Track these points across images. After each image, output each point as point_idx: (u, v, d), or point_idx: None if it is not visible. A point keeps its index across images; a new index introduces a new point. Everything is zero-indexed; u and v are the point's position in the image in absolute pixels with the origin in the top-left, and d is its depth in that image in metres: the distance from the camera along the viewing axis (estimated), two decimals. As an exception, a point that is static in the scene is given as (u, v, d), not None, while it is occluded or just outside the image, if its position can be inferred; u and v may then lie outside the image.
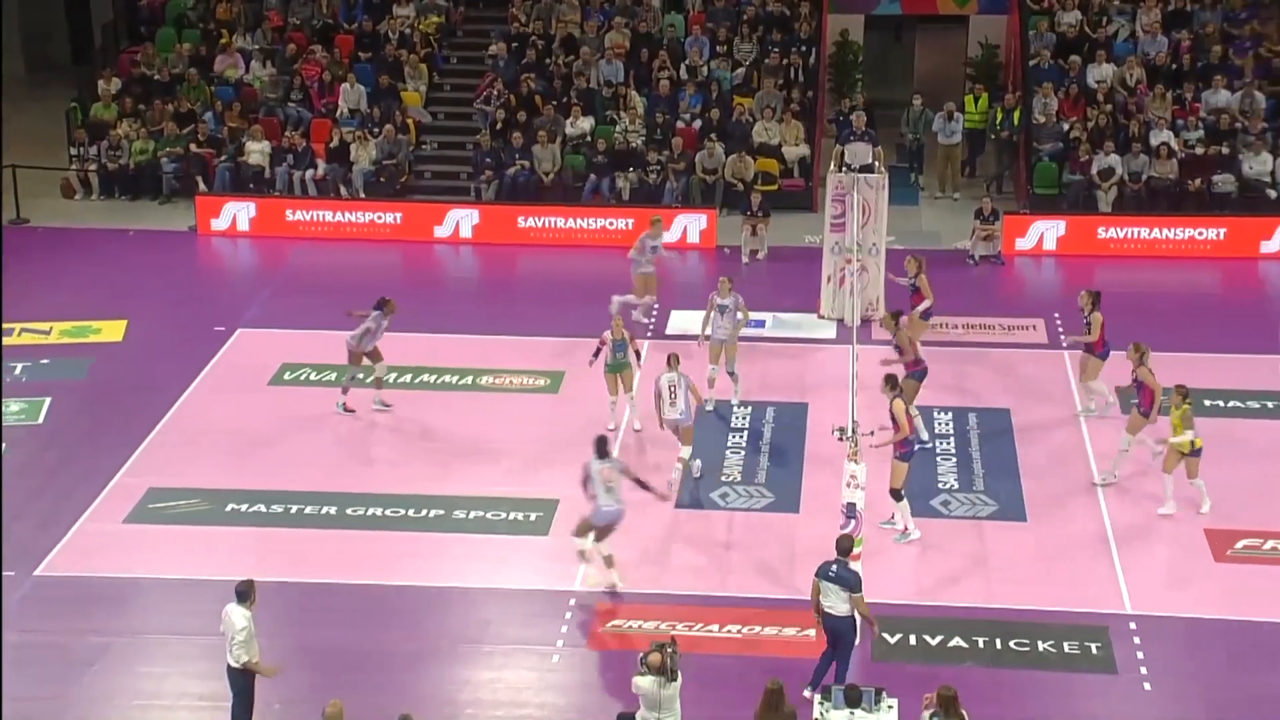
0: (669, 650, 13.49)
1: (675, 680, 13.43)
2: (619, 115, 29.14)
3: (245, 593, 14.00)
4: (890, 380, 17.65)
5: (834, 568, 14.66)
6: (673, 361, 18.91)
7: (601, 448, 16.63)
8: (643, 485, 16.84)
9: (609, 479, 16.45)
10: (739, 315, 20.56)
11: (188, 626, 16.09)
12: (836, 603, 14.59)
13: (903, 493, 17.57)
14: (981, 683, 15.15)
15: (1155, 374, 18.40)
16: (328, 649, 15.97)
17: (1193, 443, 17.63)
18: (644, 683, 13.49)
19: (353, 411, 20.70)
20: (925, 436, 19.60)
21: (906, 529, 17.58)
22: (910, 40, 34.01)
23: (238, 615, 13.87)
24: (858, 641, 14.95)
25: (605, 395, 20.32)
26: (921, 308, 21.17)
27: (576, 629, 16.33)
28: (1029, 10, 30.52)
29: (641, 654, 13.63)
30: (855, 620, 14.66)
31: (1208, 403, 20.52)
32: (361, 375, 20.73)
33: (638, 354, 20.53)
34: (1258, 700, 15.04)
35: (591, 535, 16.72)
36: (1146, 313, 22.43)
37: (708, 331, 20.70)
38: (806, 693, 14.54)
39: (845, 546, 14.87)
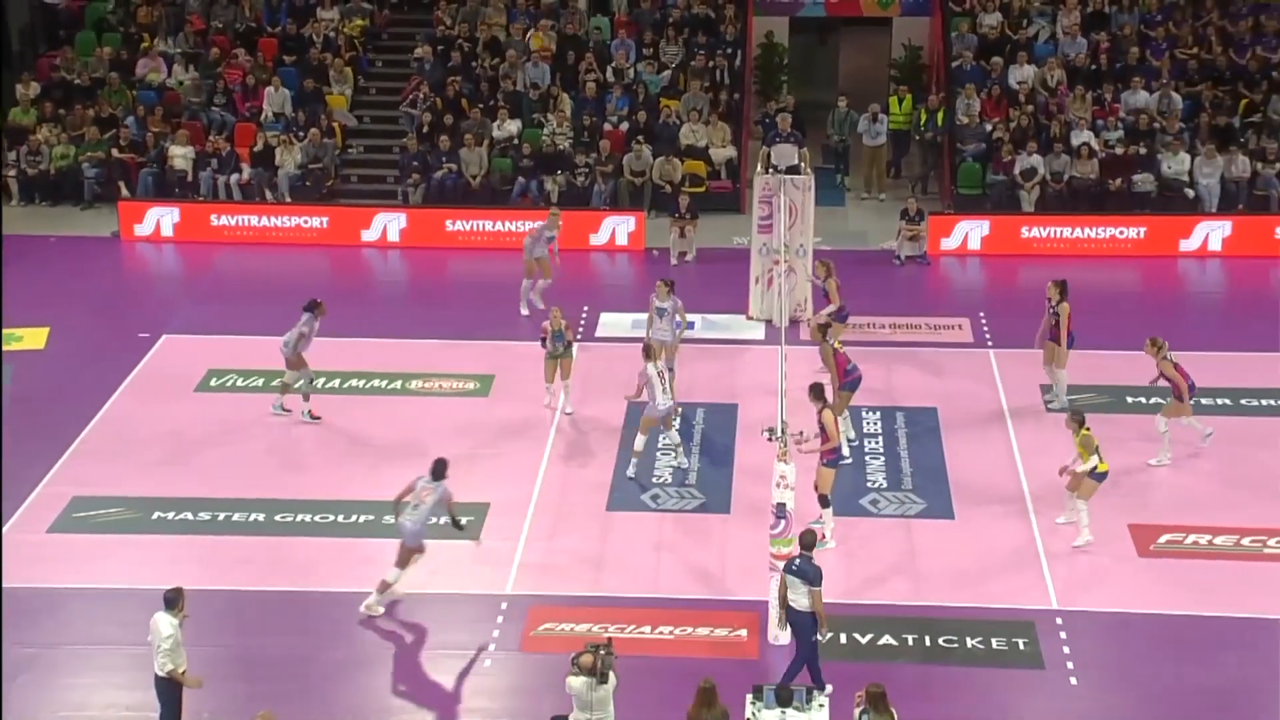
0: (601, 652, 13.51)
1: (606, 682, 13.44)
2: (546, 118, 29.12)
3: (173, 600, 13.88)
4: (816, 389, 17.74)
5: (797, 561, 14.81)
6: (650, 354, 19.21)
7: (438, 470, 16.42)
8: (455, 523, 16.55)
9: (420, 498, 16.22)
10: (678, 319, 20.61)
11: (115, 636, 15.91)
12: (799, 597, 14.72)
13: (830, 499, 17.66)
14: (911, 680, 15.27)
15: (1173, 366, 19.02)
16: (257, 657, 15.85)
17: (1095, 467, 17.36)
18: (576, 683, 13.51)
19: (319, 419, 20.58)
20: (852, 435, 19.69)
21: (824, 536, 17.46)
22: (835, 42, 34.19)
23: (164, 623, 13.75)
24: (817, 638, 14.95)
25: (536, 397, 20.32)
26: (828, 310, 21.30)
27: (509, 632, 16.30)
28: (951, 12, 30.79)
29: (574, 655, 13.64)
30: (814, 616, 14.73)
31: (1130, 399, 20.83)
32: (300, 382, 20.56)
33: (569, 344, 20.66)
34: (1182, 692, 15.24)
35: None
36: (1076, 311, 22.60)
37: (650, 334, 20.76)
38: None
39: (809, 541, 15.01)
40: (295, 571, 17.40)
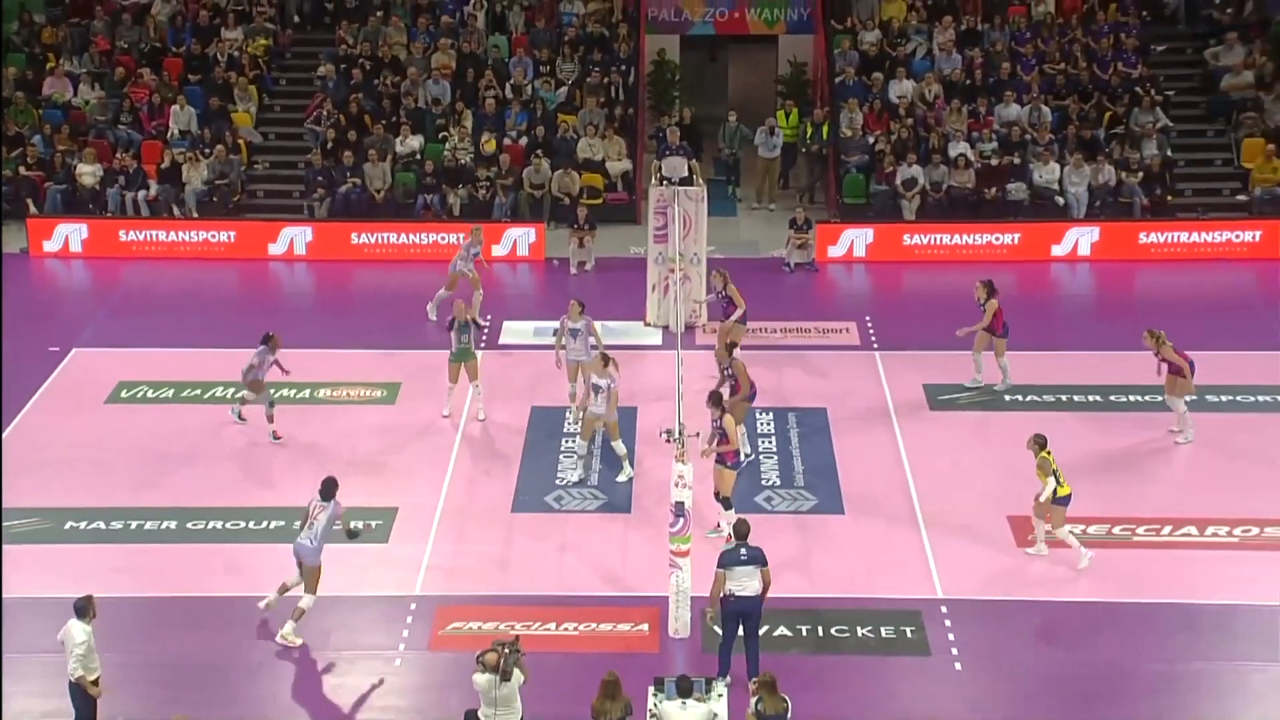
0: (505, 650, 13.48)
1: (509, 680, 13.41)
2: (448, 133, 28.99)
3: (84, 608, 13.67)
4: (715, 397, 17.76)
5: (743, 551, 14.85)
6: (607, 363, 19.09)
7: (327, 490, 16.13)
8: (350, 534, 16.22)
9: (314, 518, 15.97)
10: (590, 339, 20.40)
11: (28, 645, 15.51)
12: (749, 583, 14.74)
13: (731, 500, 17.72)
14: (806, 669, 15.37)
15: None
16: (171, 663, 15.61)
17: (1056, 491, 17.09)
18: (481, 680, 13.48)
19: (281, 439, 20.06)
20: (748, 450, 19.69)
21: (730, 538, 17.41)
22: (724, 59, 34.37)
23: (77, 630, 13.54)
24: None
25: (441, 404, 20.23)
26: (735, 316, 21.39)
27: (418, 632, 16.19)
28: (833, 30, 31.05)
29: (479, 653, 13.60)
30: (760, 598, 14.84)
31: (1007, 398, 21.11)
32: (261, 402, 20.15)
33: (473, 345, 20.42)
34: (1061, 676, 15.45)
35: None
36: (956, 313, 22.92)
37: (563, 352, 20.53)
38: (722, 680, 14.70)
39: (743, 530, 15.13)
40: (207, 577, 17.17)
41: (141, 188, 28.04)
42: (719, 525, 17.73)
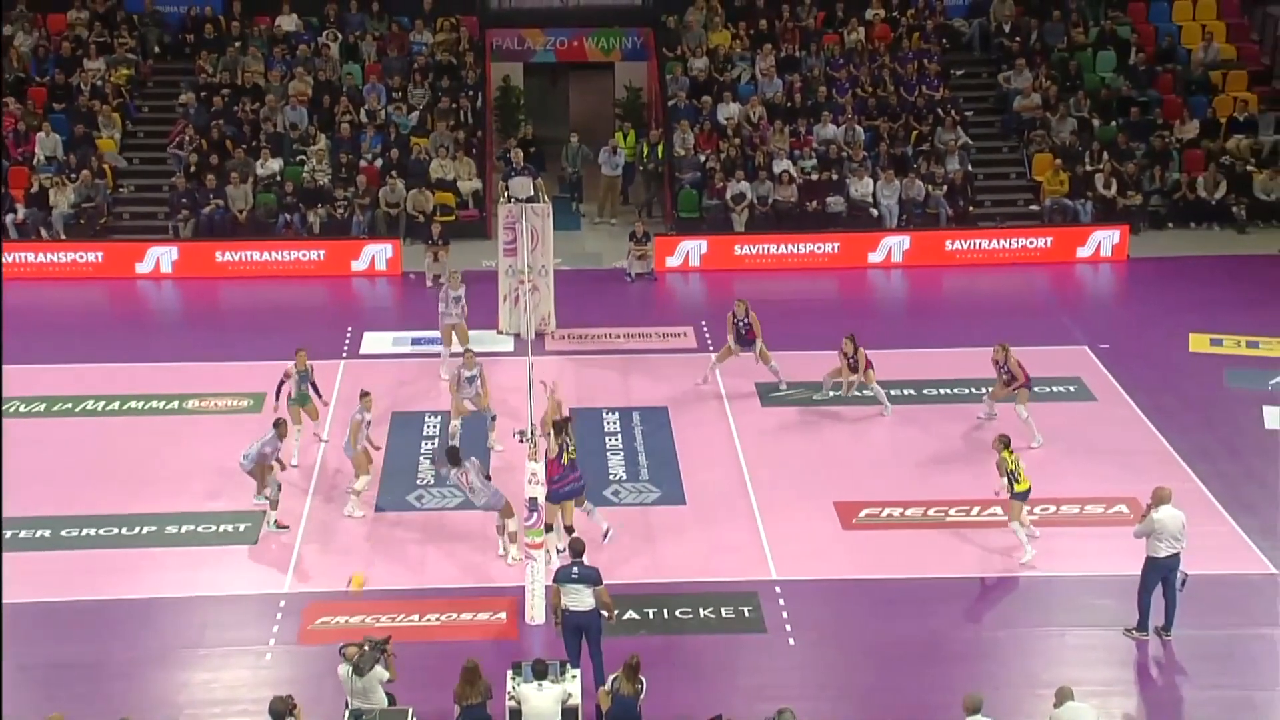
0: (365, 647, 13.36)
1: (363, 675, 13.29)
2: (306, 156, 28.51)
3: None
4: (558, 426, 16.93)
5: (575, 569, 14.51)
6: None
7: (453, 458, 16.43)
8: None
9: (468, 484, 16.48)
10: (478, 387, 19.58)
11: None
12: (583, 599, 14.44)
13: (553, 526, 16.83)
14: (653, 648, 15.31)
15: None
16: (48, 665, 15.11)
17: (1014, 487, 16.91)
18: (342, 672, 13.39)
19: (286, 528, 17.80)
20: (561, 547, 17.16)
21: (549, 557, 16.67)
22: (565, 84, 34.30)
23: None
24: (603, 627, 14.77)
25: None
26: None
27: (288, 628, 15.88)
28: (665, 57, 31.16)
29: (341, 645, 13.44)
30: (599, 611, 14.56)
31: (831, 393, 21.35)
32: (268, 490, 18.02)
33: (315, 387, 19.66)
34: (885, 646, 15.67)
35: None
36: (785, 315, 23.16)
37: (459, 394, 19.71)
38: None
39: (579, 548, 14.80)
40: (82, 582, 16.64)
41: (9, 211, 27.13)
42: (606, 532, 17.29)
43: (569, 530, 16.61)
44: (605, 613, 14.64)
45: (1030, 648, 15.76)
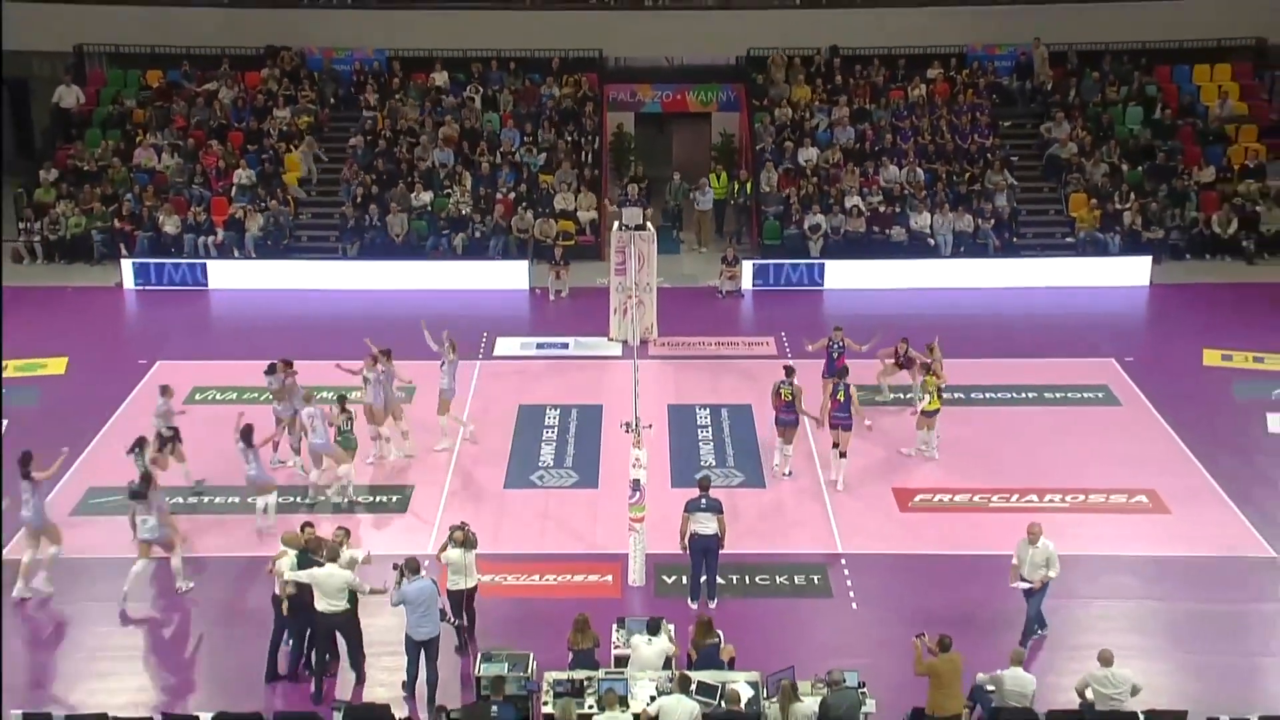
0: (467, 528, 14.16)
1: (473, 548, 14.08)
2: (452, 189, 28.85)
3: None
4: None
5: (703, 500, 15.18)
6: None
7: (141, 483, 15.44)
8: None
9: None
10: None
11: None
12: (708, 525, 15.03)
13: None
14: (735, 609, 15.41)
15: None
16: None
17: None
18: (453, 554, 14.04)
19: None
20: None
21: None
22: (669, 131, 34.33)
23: None
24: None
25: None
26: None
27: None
28: (755, 109, 31.08)
29: (451, 528, 14.23)
30: (719, 535, 15.10)
31: (878, 398, 21.11)
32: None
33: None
34: (935, 611, 15.42)
35: None
36: (851, 330, 22.93)
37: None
38: (693, 604, 15.08)
39: (706, 484, 15.45)
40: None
41: (211, 234, 27.80)
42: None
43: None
44: (721, 537, 15.07)
45: (1060, 615, 15.44)
